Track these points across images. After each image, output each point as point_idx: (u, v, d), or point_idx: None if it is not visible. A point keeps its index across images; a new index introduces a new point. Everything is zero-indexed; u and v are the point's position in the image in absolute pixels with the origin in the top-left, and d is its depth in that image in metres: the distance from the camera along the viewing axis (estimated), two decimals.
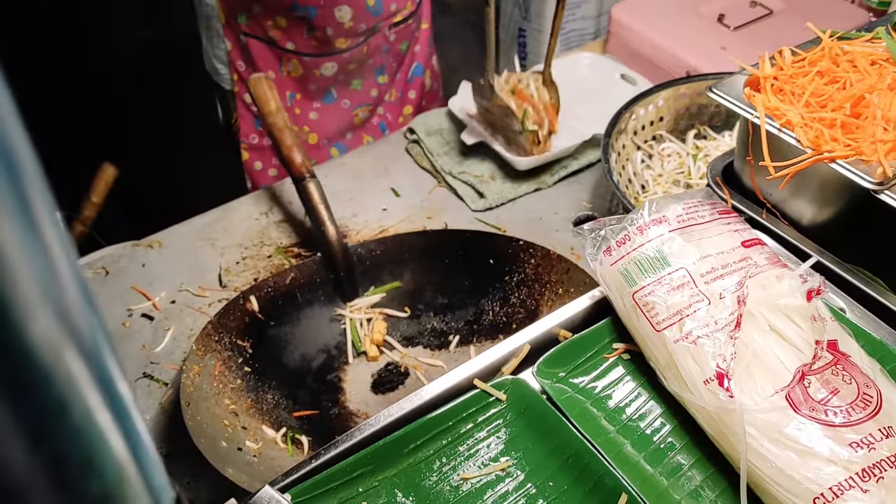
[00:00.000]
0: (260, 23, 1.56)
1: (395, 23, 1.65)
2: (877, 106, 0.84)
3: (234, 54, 1.62)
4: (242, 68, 1.63)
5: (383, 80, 1.73)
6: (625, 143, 1.35)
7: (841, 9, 1.61)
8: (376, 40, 1.64)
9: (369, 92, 1.72)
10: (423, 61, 1.79)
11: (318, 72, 1.62)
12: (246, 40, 1.59)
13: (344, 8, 1.53)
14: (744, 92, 0.89)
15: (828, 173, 0.82)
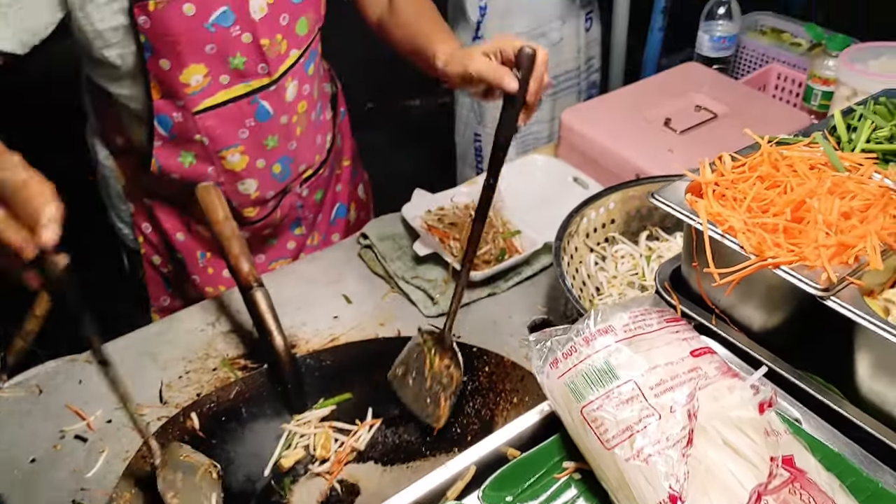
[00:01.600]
0: (164, 186, 1.43)
1: (306, 178, 1.54)
2: (817, 210, 0.84)
3: (138, 217, 1.50)
4: (148, 230, 1.51)
5: (300, 232, 1.61)
6: (577, 245, 1.34)
7: (782, 112, 1.66)
8: (288, 200, 1.53)
9: (286, 245, 1.61)
10: (345, 199, 1.70)
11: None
12: (150, 202, 1.47)
13: (248, 181, 1.42)
14: (686, 198, 0.89)
15: (774, 279, 0.81)
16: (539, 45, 1.09)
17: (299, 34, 1.35)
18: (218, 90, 1.30)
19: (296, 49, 1.36)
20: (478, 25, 2.09)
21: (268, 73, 1.32)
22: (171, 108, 1.30)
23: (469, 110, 2.23)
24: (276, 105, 1.37)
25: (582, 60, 2.17)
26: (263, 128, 1.38)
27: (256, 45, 1.28)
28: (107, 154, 1.48)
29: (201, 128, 1.32)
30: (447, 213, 1.45)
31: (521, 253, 1.40)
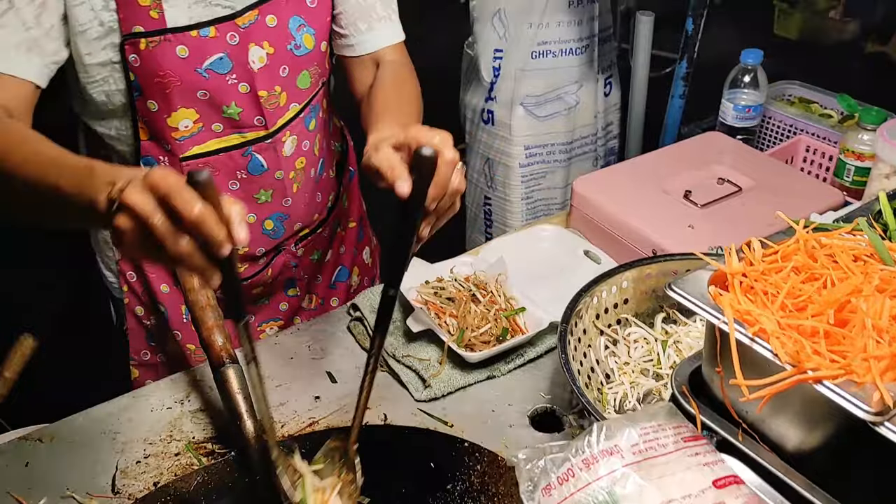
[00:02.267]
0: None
1: (302, 237, 1.46)
2: (865, 313, 0.71)
3: (124, 265, 1.43)
4: (133, 279, 1.43)
5: (294, 293, 1.52)
6: (586, 327, 1.22)
7: (812, 187, 1.55)
8: (281, 259, 1.44)
9: (278, 306, 1.51)
10: (348, 263, 1.60)
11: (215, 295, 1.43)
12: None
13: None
14: (709, 291, 0.77)
15: (813, 392, 0.68)
16: (445, 146, 0.87)
17: (300, 87, 1.29)
18: (209, 138, 1.24)
19: (296, 103, 1.29)
20: (491, 86, 2.01)
21: (264, 125, 1.25)
22: (159, 151, 1.24)
23: (479, 174, 2.14)
24: (270, 159, 1.30)
25: (599, 126, 2.08)
26: (256, 181, 1.31)
27: (254, 96, 1.22)
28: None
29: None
30: (445, 287, 1.34)
31: (525, 333, 1.28)
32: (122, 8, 1.11)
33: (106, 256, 1.47)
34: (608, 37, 2.01)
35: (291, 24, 1.23)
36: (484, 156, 2.10)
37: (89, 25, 1.12)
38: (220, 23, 1.16)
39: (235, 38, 1.18)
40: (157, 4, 1.12)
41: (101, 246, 1.47)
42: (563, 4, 1.88)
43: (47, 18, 1.09)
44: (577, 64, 1.95)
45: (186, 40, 1.14)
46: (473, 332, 1.26)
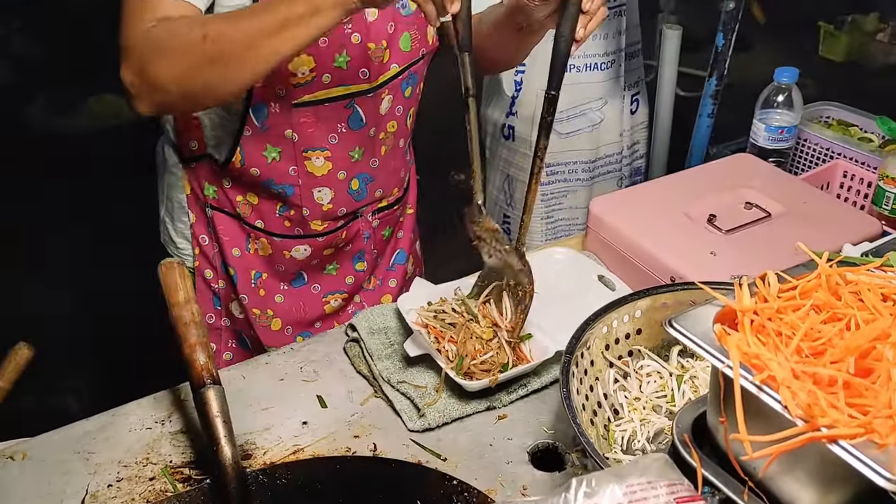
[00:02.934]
0: (229, 196, 1.42)
1: (380, 208, 1.51)
2: (892, 362, 0.62)
3: (198, 227, 1.48)
4: (206, 242, 1.48)
5: (362, 268, 1.56)
6: (594, 358, 1.13)
7: (848, 215, 1.45)
8: (357, 225, 1.49)
9: (345, 279, 1.55)
10: (406, 247, 1.63)
11: (288, 253, 1.46)
12: (212, 213, 1.45)
13: (324, 189, 1.39)
14: (714, 329, 0.68)
15: (829, 452, 0.59)
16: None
17: (402, 49, 1.34)
18: (318, 88, 1.28)
19: (396, 64, 1.34)
20: (512, 101, 1.94)
21: (368, 78, 1.31)
22: (271, 96, 1.28)
23: (499, 191, 2.07)
24: (369, 114, 1.35)
25: (625, 144, 2.00)
26: (353, 137, 1.36)
27: (363, 48, 1.27)
28: (176, 161, 1.45)
29: (295, 123, 1.30)
30: (447, 310, 1.26)
31: (530, 361, 1.20)
32: None
33: (180, 222, 1.49)
34: (636, 52, 1.93)
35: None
36: (504, 172, 2.02)
37: None
38: None
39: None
40: None
41: (176, 211, 1.50)
42: None
43: None
44: (601, 79, 1.87)
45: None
46: (473, 360, 1.19)
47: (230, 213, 1.44)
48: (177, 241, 1.52)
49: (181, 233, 1.51)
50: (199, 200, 1.46)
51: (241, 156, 1.34)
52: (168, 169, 1.48)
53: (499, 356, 1.20)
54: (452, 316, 1.25)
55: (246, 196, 1.41)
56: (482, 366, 1.19)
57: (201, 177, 1.43)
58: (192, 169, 1.43)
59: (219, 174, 1.40)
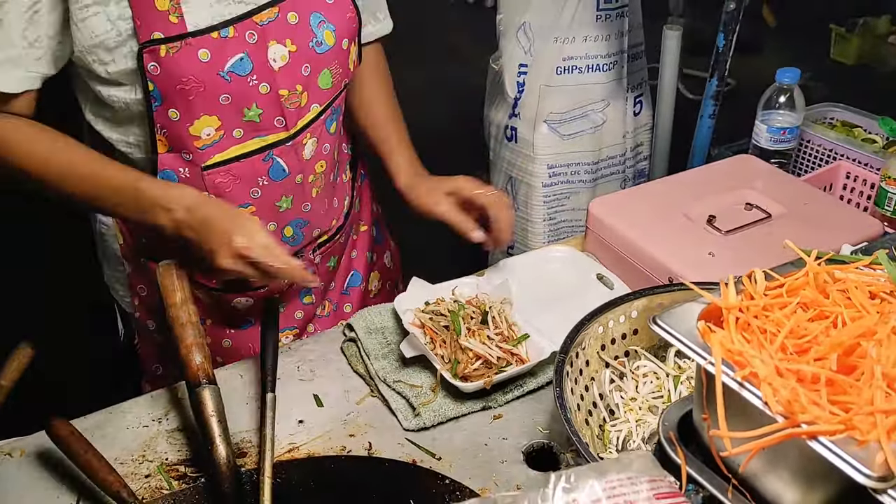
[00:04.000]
0: (165, 245, 1.29)
1: (320, 244, 1.42)
2: (875, 360, 0.62)
3: (135, 278, 1.39)
4: (144, 292, 1.40)
5: (310, 301, 1.47)
6: (589, 358, 1.13)
7: (850, 216, 1.44)
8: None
9: (293, 315, 1.46)
10: (361, 267, 1.55)
11: (228, 305, 1.39)
12: (147, 263, 1.35)
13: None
14: (698, 326, 0.68)
15: (813, 454, 0.59)
16: (501, 201, 1.31)
17: (322, 87, 1.24)
18: (230, 145, 1.20)
19: (317, 104, 1.25)
20: (515, 103, 1.94)
21: (285, 126, 1.22)
22: (178, 162, 1.20)
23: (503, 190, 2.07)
24: (291, 163, 1.26)
25: (628, 146, 1.99)
26: (277, 187, 1.27)
27: (275, 96, 1.18)
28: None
29: (210, 185, 1.21)
30: (443, 311, 1.26)
31: (526, 362, 1.20)
32: (139, 15, 1.08)
33: (117, 270, 1.43)
34: (639, 53, 1.92)
35: (312, 20, 1.19)
36: (507, 174, 2.02)
37: (106, 35, 1.10)
38: (239, 21, 1.13)
39: (254, 36, 1.14)
40: (177, 8, 1.09)
41: (112, 261, 1.43)
42: (591, 18, 1.80)
43: (33, 32, 1.09)
44: (604, 81, 1.87)
45: (207, 43, 1.11)
46: (469, 362, 1.19)
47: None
48: (116, 288, 1.46)
49: (119, 280, 1.45)
50: (132, 251, 1.38)
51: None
52: (98, 219, 1.42)
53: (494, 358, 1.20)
54: (448, 319, 1.25)
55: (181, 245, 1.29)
56: (476, 370, 1.19)
57: (136, 228, 1.35)
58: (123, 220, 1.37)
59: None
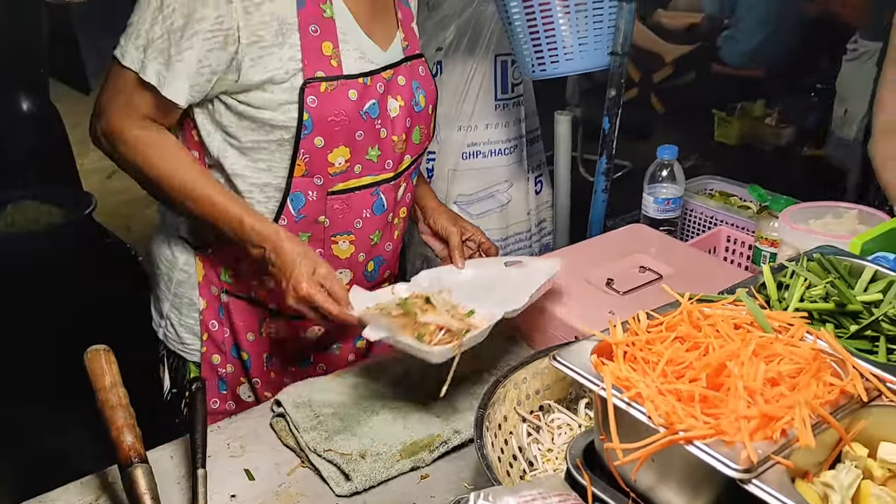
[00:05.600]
0: (245, 282, 1.48)
1: (377, 285, 1.57)
2: (738, 376, 0.73)
3: (207, 314, 1.51)
4: (215, 328, 1.52)
5: (362, 345, 1.62)
6: (507, 414, 1.21)
7: (730, 273, 1.59)
8: None
9: (347, 357, 1.61)
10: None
11: (303, 333, 1.52)
12: (227, 299, 1.49)
13: (345, 271, 1.49)
14: (591, 360, 0.78)
15: (692, 456, 0.69)
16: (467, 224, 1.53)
17: (414, 141, 1.47)
18: (351, 177, 1.39)
19: (409, 155, 1.47)
20: None
21: (391, 168, 1.43)
22: (310, 185, 1.36)
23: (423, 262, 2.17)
24: (390, 200, 1.46)
25: (533, 223, 2.14)
26: (375, 221, 1.45)
27: (389, 141, 1.40)
28: (189, 256, 1.49)
29: (329, 209, 1.39)
30: (392, 306, 1.34)
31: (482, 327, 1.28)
32: (307, 57, 1.28)
33: (189, 317, 1.52)
34: (536, 137, 2.10)
35: (413, 84, 1.43)
36: (422, 254, 2.13)
37: (276, 71, 1.28)
38: (375, 74, 1.35)
39: (382, 88, 1.36)
40: (336, 56, 1.31)
41: (185, 308, 1.52)
42: (490, 108, 1.97)
43: (206, 61, 1.26)
44: (506, 164, 2.03)
45: (356, 86, 1.32)
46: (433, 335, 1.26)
47: (245, 298, 1.49)
48: (183, 337, 1.54)
49: (189, 328, 1.53)
50: (211, 287, 1.50)
51: None
52: (177, 267, 1.51)
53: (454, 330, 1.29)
54: (397, 310, 1.32)
55: (262, 280, 1.46)
56: (441, 340, 1.27)
57: (218, 262, 1.48)
58: (209, 255, 1.48)
59: (238, 258, 1.45)
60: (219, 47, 1.25)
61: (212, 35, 1.24)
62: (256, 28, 1.26)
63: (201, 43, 1.25)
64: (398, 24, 1.43)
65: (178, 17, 1.24)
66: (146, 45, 1.26)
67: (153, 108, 1.31)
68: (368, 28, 1.35)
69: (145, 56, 1.26)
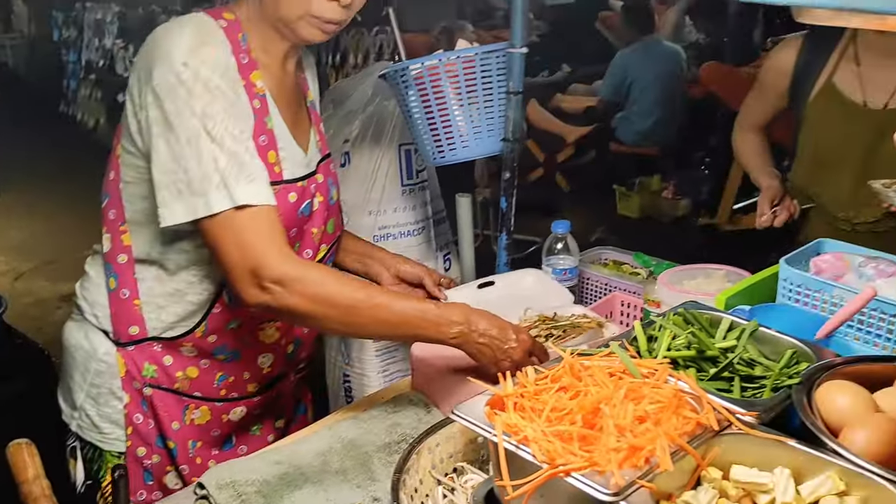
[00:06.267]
0: (168, 373, 1.50)
1: (299, 368, 1.67)
2: (609, 416, 0.84)
3: (132, 408, 1.51)
4: (140, 421, 1.52)
5: (280, 425, 1.68)
6: (422, 477, 1.29)
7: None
8: (283, 385, 1.63)
9: (267, 438, 1.65)
10: (308, 401, 1.79)
11: (226, 416, 1.56)
12: (151, 392, 1.51)
13: (268, 355, 1.54)
14: (485, 411, 0.88)
15: (573, 489, 0.79)
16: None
17: (329, 232, 1.55)
18: None
19: (325, 244, 1.55)
20: None
21: (311, 257, 1.50)
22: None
23: (337, 352, 2.24)
24: None
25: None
26: None
27: (309, 233, 1.48)
28: (108, 349, 1.48)
29: None
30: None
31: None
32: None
33: (108, 407, 1.51)
34: (442, 218, 2.24)
35: (328, 181, 1.53)
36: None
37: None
38: (309, 177, 1.45)
39: (314, 188, 1.46)
40: (279, 162, 1.38)
41: (104, 398, 1.51)
42: (398, 193, 2.10)
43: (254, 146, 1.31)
44: (416, 244, 2.15)
45: (296, 189, 1.41)
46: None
47: (169, 389, 1.51)
48: (101, 426, 1.54)
49: (108, 417, 1.53)
50: (133, 382, 1.50)
51: (204, 328, 1.46)
52: (96, 357, 1.51)
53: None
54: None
55: (186, 371, 1.50)
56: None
57: (140, 359, 1.49)
58: (130, 352, 1.49)
59: (161, 354, 1.48)
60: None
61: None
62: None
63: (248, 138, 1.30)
64: (311, 127, 1.54)
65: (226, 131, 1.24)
66: (222, 178, 1.23)
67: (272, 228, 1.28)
68: (295, 135, 1.45)
69: (227, 187, 1.23)
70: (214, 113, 1.22)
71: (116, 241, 1.43)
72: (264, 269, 1.22)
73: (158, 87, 1.22)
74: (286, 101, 1.42)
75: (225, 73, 1.26)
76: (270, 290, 1.23)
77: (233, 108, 1.26)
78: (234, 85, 1.28)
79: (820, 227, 1.87)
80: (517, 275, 1.67)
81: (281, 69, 1.41)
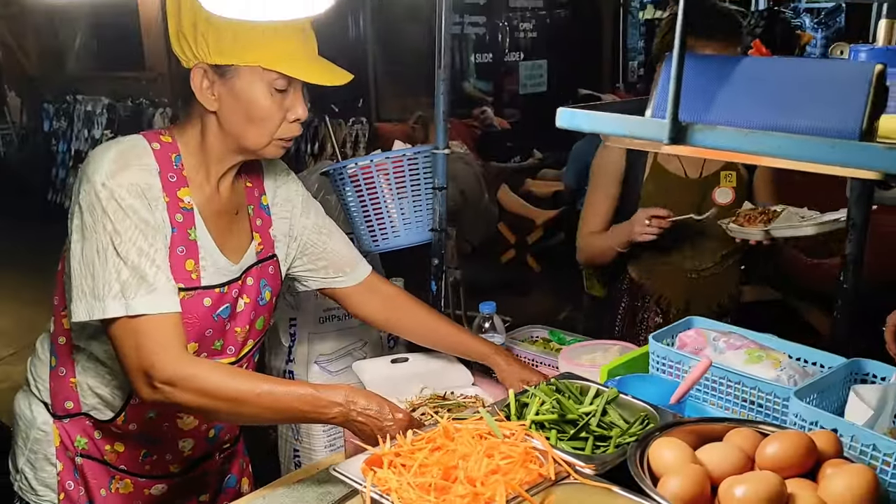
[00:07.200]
0: (98, 446, 1.61)
1: (224, 448, 1.75)
2: (462, 469, 1.00)
3: (65, 475, 1.62)
4: (71, 487, 1.63)
5: (205, 499, 1.76)
6: None
7: None
8: (206, 465, 1.72)
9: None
10: (236, 470, 1.84)
11: (147, 491, 1.65)
12: (81, 461, 1.61)
13: (188, 440, 1.64)
14: (361, 467, 1.04)
15: None
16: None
17: (257, 328, 1.64)
18: None
19: (252, 339, 1.64)
20: (290, 350, 2.32)
21: (234, 353, 1.59)
22: None
23: (287, 428, 2.37)
24: None
25: None
26: None
27: (233, 332, 1.57)
28: (46, 419, 1.60)
29: None
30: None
31: None
32: (173, 271, 1.41)
33: (44, 472, 1.62)
34: None
35: (261, 283, 1.61)
36: None
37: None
38: (230, 283, 1.53)
39: (236, 292, 1.54)
40: (197, 270, 1.47)
41: (40, 463, 1.62)
42: None
43: (164, 259, 1.39)
44: (358, 324, 2.31)
45: (211, 294, 1.48)
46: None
47: (98, 460, 1.61)
48: (37, 489, 1.65)
49: (43, 481, 1.63)
50: (67, 451, 1.61)
51: (124, 417, 1.56)
52: (36, 426, 1.62)
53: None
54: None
55: (114, 445, 1.60)
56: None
57: (73, 431, 1.59)
58: (65, 424, 1.60)
59: (92, 429, 1.58)
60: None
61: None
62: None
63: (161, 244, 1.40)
64: (252, 233, 1.61)
65: (133, 246, 1.35)
66: (122, 288, 1.34)
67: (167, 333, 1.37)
68: (223, 246, 1.52)
69: (125, 297, 1.34)
70: (123, 230, 1.35)
71: (59, 325, 1.58)
72: (155, 371, 1.32)
73: (82, 201, 1.38)
74: (216, 214, 1.52)
75: (142, 193, 1.40)
76: (161, 389, 1.33)
77: (145, 225, 1.37)
78: (152, 203, 1.40)
79: (678, 282, 2.26)
80: (431, 354, 1.82)
81: (214, 186, 1.52)
